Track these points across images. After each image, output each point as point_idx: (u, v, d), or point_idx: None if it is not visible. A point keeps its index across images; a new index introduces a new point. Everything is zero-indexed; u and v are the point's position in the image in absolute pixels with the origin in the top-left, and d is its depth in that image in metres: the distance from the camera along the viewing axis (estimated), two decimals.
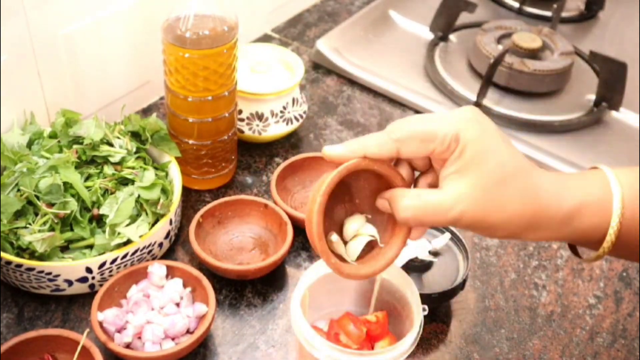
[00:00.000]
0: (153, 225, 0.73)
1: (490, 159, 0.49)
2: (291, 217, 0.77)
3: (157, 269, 0.70)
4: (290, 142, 0.95)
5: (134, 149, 0.78)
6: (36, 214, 0.69)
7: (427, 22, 1.15)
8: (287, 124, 0.90)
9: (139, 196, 0.72)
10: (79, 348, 0.62)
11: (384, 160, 0.51)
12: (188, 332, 0.68)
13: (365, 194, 0.54)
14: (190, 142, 0.81)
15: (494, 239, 0.79)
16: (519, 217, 0.50)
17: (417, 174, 0.54)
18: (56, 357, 0.64)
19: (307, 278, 0.64)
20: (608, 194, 0.51)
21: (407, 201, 0.49)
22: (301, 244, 0.81)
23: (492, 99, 1.01)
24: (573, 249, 0.57)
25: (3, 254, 0.67)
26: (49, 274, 0.69)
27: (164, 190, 0.75)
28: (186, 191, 0.85)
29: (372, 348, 0.66)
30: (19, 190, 0.70)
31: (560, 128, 0.98)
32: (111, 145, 0.77)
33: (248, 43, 1.05)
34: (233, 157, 0.87)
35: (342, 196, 0.54)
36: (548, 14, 1.23)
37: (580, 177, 0.53)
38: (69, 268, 0.69)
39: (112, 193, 0.72)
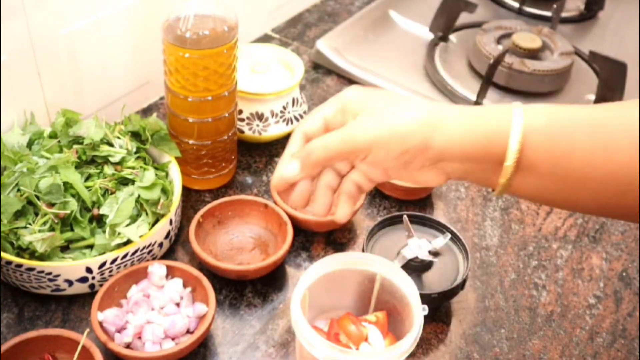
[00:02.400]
0: (153, 225, 0.73)
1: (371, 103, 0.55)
2: (291, 217, 0.77)
3: (157, 269, 0.70)
4: None
5: (134, 149, 0.78)
6: (36, 214, 0.69)
7: (427, 22, 1.15)
8: (287, 124, 0.90)
9: (139, 196, 0.72)
10: (79, 348, 0.62)
11: None
12: (188, 332, 0.68)
13: None
14: (190, 142, 0.81)
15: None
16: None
17: None
18: (56, 357, 0.64)
19: (307, 278, 0.64)
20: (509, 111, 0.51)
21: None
22: (301, 244, 0.81)
23: (492, 99, 1.01)
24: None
25: (3, 254, 0.67)
26: (49, 274, 0.69)
27: (164, 190, 0.75)
28: (186, 191, 0.85)
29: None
30: (19, 190, 0.70)
31: None
32: (111, 145, 0.77)
33: (248, 43, 1.05)
34: (233, 157, 0.87)
35: None
36: (548, 14, 1.23)
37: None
38: (69, 268, 0.69)
39: (112, 193, 0.72)
